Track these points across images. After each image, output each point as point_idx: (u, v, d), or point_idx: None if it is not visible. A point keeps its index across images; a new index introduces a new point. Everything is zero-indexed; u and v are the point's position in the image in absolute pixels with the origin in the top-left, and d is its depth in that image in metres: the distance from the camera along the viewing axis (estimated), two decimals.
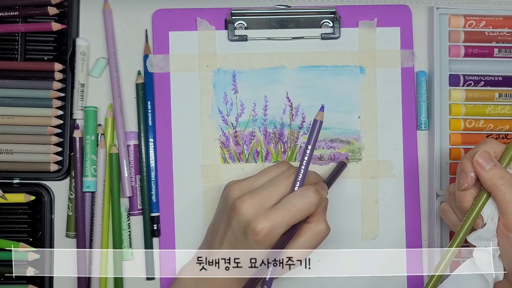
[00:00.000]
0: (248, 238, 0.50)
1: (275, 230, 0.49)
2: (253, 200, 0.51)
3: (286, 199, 0.51)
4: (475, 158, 0.50)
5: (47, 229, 0.61)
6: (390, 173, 0.62)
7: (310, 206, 0.51)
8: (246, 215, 0.50)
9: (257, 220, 0.49)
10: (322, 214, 0.53)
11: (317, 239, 0.52)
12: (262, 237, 0.49)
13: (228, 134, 0.62)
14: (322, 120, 0.53)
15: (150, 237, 0.61)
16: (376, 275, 0.62)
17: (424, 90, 0.62)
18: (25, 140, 0.60)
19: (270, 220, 0.49)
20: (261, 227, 0.49)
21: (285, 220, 0.50)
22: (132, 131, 0.62)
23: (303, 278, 0.62)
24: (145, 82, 0.62)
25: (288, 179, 0.52)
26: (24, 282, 0.61)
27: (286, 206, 0.50)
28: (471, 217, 0.50)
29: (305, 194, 0.51)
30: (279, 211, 0.50)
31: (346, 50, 0.62)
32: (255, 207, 0.50)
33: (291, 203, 0.50)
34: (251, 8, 0.63)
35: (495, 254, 0.49)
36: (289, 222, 0.50)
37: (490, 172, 0.49)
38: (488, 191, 0.49)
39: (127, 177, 0.61)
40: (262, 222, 0.49)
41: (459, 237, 0.50)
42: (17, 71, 0.61)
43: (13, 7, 0.61)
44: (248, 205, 0.50)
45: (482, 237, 0.50)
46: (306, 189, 0.51)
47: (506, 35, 0.62)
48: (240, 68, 0.62)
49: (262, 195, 0.51)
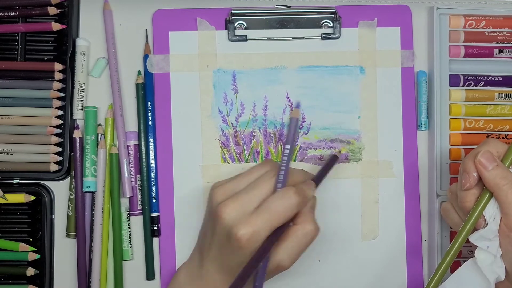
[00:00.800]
0: (232, 245, 0.49)
1: (257, 236, 0.48)
2: (234, 205, 0.50)
3: (266, 203, 0.49)
4: (477, 158, 0.49)
5: (47, 229, 0.61)
6: (390, 173, 0.62)
7: (291, 208, 0.49)
8: (228, 220, 0.49)
9: (238, 226, 0.48)
10: (310, 214, 0.52)
11: (305, 241, 0.51)
12: (245, 243, 0.48)
13: (228, 134, 0.62)
14: (298, 118, 0.53)
15: (150, 237, 0.61)
16: (376, 275, 0.62)
17: (424, 90, 0.62)
18: (25, 140, 0.60)
19: (251, 225, 0.48)
20: (242, 233, 0.48)
21: (267, 224, 0.49)
22: (132, 131, 0.62)
23: (303, 278, 0.62)
24: (145, 82, 0.62)
25: (270, 181, 0.51)
26: (24, 282, 0.61)
27: (266, 210, 0.49)
28: (473, 217, 0.50)
29: (285, 196, 0.49)
30: (259, 215, 0.49)
31: (346, 50, 0.62)
32: (237, 212, 0.49)
33: (271, 207, 0.49)
34: (251, 8, 0.63)
35: (497, 254, 0.49)
36: (271, 226, 0.49)
37: (493, 172, 0.49)
38: (491, 191, 0.49)
39: (127, 177, 0.61)
40: (244, 228, 0.48)
41: (461, 237, 0.50)
42: (17, 71, 0.61)
43: (13, 7, 0.61)
44: (230, 210, 0.49)
45: (484, 237, 0.49)
46: (286, 191, 0.50)
47: (506, 35, 0.62)
48: (240, 68, 0.62)
49: (243, 199, 0.50)
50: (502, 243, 0.49)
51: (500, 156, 0.51)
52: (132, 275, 0.62)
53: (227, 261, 0.51)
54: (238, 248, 0.49)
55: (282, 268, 0.51)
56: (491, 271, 0.49)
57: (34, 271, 0.60)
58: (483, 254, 0.50)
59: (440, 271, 0.50)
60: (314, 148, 0.62)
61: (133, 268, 0.62)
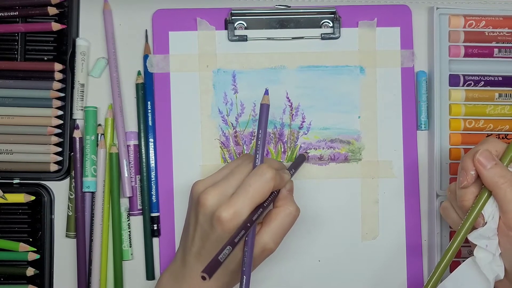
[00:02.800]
0: (216, 230, 0.50)
1: (239, 216, 0.49)
2: (215, 191, 0.51)
3: (243, 182, 0.51)
4: (476, 157, 0.50)
5: (47, 229, 0.61)
6: (390, 173, 0.62)
7: (267, 182, 0.51)
8: (210, 206, 0.50)
9: (220, 209, 0.49)
10: (289, 196, 0.54)
11: (288, 221, 0.53)
12: (228, 225, 0.49)
13: (228, 134, 0.62)
14: (268, 104, 0.54)
15: (150, 237, 0.61)
16: (376, 275, 0.62)
17: (424, 90, 0.62)
18: (25, 140, 0.60)
19: (232, 206, 0.49)
20: (224, 215, 0.49)
21: (246, 202, 0.50)
22: (132, 131, 0.62)
23: (304, 278, 0.62)
24: (145, 82, 0.62)
25: (248, 166, 0.53)
26: (24, 282, 0.61)
27: (244, 188, 0.50)
28: (472, 216, 0.50)
29: (258, 172, 0.51)
30: (239, 195, 0.50)
31: (346, 50, 0.62)
32: (218, 197, 0.51)
33: (248, 184, 0.50)
34: (251, 8, 0.63)
35: (496, 253, 0.50)
36: (251, 204, 0.50)
37: (492, 170, 0.49)
38: (489, 189, 0.50)
39: (127, 177, 0.61)
40: (225, 209, 0.49)
41: (460, 236, 0.50)
42: (17, 71, 0.61)
43: (13, 7, 0.61)
44: (211, 196, 0.51)
45: (483, 235, 0.50)
46: (259, 168, 0.52)
47: (506, 35, 0.62)
48: (240, 68, 0.62)
49: (223, 185, 0.52)
50: (501, 241, 0.50)
51: (499, 155, 0.51)
52: (132, 275, 0.62)
53: (211, 251, 0.51)
54: (221, 231, 0.49)
55: (268, 251, 0.52)
56: (490, 270, 0.49)
57: (34, 271, 0.60)
58: (482, 253, 0.50)
59: (440, 270, 0.50)
60: (314, 148, 0.62)
61: (133, 268, 0.62)
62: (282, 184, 0.53)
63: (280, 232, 0.53)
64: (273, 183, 0.51)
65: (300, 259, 0.62)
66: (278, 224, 0.52)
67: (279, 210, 0.53)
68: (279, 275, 0.62)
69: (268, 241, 0.52)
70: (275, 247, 0.53)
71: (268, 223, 0.52)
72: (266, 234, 0.52)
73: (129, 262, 0.62)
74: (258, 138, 0.53)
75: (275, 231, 0.52)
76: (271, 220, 0.52)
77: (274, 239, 0.52)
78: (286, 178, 0.54)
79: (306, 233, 0.62)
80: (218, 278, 0.52)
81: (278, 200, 0.54)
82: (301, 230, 0.62)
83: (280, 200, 0.53)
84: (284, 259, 0.61)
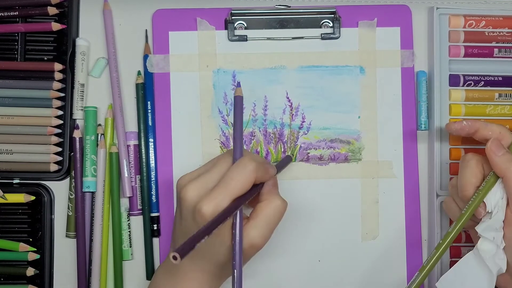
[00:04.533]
0: (198, 223, 0.49)
1: (220, 209, 0.49)
2: (196, 185, 0.51)
3: (225, 175, 0.51)
4: (488, 145, 0.52)
5: (47, 229, 0.61)
6: (390, 173, 0.62)
7: (248, 174, 0.50)
8: (191, 200, 0.50)
9: (201, 203, 0.49)
10: (273, 190, 0.53)
11: (274, 216, 0.52)
12: (209, 218, 0.49)
13: (228, 134, 0.62)
14: (242, 95, 0.54)
15: (150, 237, 0.61)
16: (375, 275, 0.62)
17: (424, 90, 0.62)
18: (25, 140, 0.60)
19: (213, 199, 0.49)
20: (206, 208, 0.49)
21: (227, 195, 0.49)
22: (132, 131, 0.62)
23: (303, 278, 0.62)
24: (145, 82, 0.62)
25: (228, 159, 0.53)
26: (24, 282, 0.61)
27: (225, 181, 0.50)
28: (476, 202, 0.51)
29: (240, 164, 0.51)
30: (219, 188, 0.50)
31: (346, 50, 0.62)
32: (199, 191, 0.50)
33: (229, 177, 0.50)
34: (251, 8, 0.63)
35: (500, 246, 0.50)
36: (232, 196, 0.50)
37: (503, 157, 0.51)
38: (500, 175, 0.51)
39: (127, 177, 0.61)
40: (206, 203, 0.49)
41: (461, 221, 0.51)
42: (17, 71, 0.61)
43: (13, 7, 0.61)
44: (191, 190, 0.51)
45: (491, 227, 0.50)
46: (240, 160, 0.51)
47: (506, 35, 0.62)
48: (240, 68, 0.62)
49: (204, 178, 0.51)
50: (507, 234, 0.50)
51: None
52: (132, 275, 0.62)
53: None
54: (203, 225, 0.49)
55: (256, 246, 0.51)
56: (494, 263, 0.50)
57: (34, 271, 0.60)
58: (487, 245, 0.50)
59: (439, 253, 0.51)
60: (314, 148, 0.62)
61: (133, 268, 0.62)
62: (266, 177, 0.52)
63: (267, 226, 0.52)
64: (254, 175, 0.50)
65: (300, 259, 0.62)
66: (265, 218, 0.51)
67: (264, 204, 0.52)
68: (279, 275, 0.62)
69: (255, 236, 0.51)
70: (263, 242, 0.52)
71: (254, 218, 0.52)
72: (252, 228, 0.51)
73: (129, 262, 0.62)
74: (235, 130, 0.53)
75: (261, 225, 0.51)
76: (257, 214, 0.52)
77: (261, 233, 0.51)
78: (271, 171, 0.53)
79: (306, 233, 0.62)
80: (206, 270, 0.52)
81: (263, 194, 0.53)
82: (301, 230, 0.62)
83: (265, 194, 0.53)
84: (284, 259, 0.61)
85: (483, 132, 0.54)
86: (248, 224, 0.51)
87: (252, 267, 0.61)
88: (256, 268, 0.61)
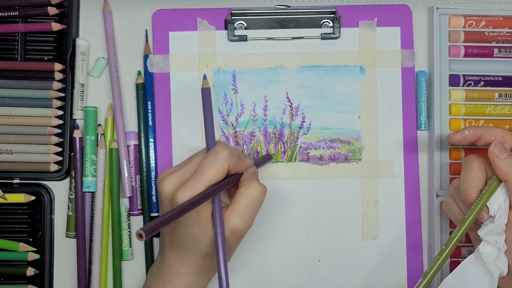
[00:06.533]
0: None
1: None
2: (172, 177, 0.52)
3: (199, 166, 0.51)
4: (490, 149, 0.51)
5: (47, 229, 0.61)
6: (390, 173, 0.62)
7: (220, 161, 0.51)
8: (168, 192, 0.51)
9: (177, 194, 0.50)
10: (252, 176, 0.53)
11: (253, 201, 0.52)
12: None
13: (228, 134, 0.62)
14: (209, 87, 0.54)
15: (150, 237, 0.61)
16: (376, 275, 0.62)
17: (424, 90, 0.62)
18: (25, 140, 0.60)
19: (188, 188, 0.50)
20: (181, 197, 0.49)
21: (201, 182, 0.50)
22: (132, 131, 0.62)
23: (303, 278, 0.62)
24: (145, 82, 0.62)
25: (204, 152, 0.53)
26: (24, 282, 0.61)
27: (199, 169, 0.51)
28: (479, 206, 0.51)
29: (212, 152, 0.51)
30: (195, 177, 0.50)
31: (346, 50, 0.62)
32: (176, 182, 0.51)
33: (203, 164, 0.51)
34: (251, 8, 0.63)
35: (502, 249, 0.50)
36: (206, 184, 0.50)
37: (506, 160, 0.51)
38: (504, 179, 0.51)
39: (127, 177, 0.61)
40: (181, 192, 0.49)
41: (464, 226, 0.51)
42: (17, 71, 0.61)
43: (13, 7, 0.61)
44: (167, 182, 0.51)
45: (494, 231, 0.50)
46: (213, 148, 0.52)
47: (506, 35, 0.62)
48: (240, 68, 0.62)
49: (180, 171, 0.52)
50: (509, 237, 0.50)
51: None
52: (132, 275, 0.62)
53: (177, 236, 0.52)
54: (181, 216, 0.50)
55: (238, 231, 0.51)
56: (495, 266, 0.50)
57: (34, 271, 0.60)
58: (489, 248, 0.50)
59: (442, 259, 0.50)
60: (314, 148, 0.62)
61: (133, 268, 0.62)
62: (242, 166, 0.53)
63: (246, 210, 0.52)
64: (228, 162, 0.51)
65: (300, 259, 0.62)
66: (244, 202, 0.52)
67: (242, 189, 0.52)
68: (279, 275, 0.62)
69: (235, 221, 0.51)
70: (244, 226, 0.52)
71: (233, 203, 0.52)
72: (232, 214, 0.51)
73: (129, 262, 0.62)
74: (206, 122, 0.53)
75: (240, 209, 0.51)
76: (236, 200, 0.52)
77: (241, 217, 0.51)
78: (248, 162, 0.54)
79: (306, 233, 0.62)
80: (190, 263, 0.52)
81: (242, 181, 0.53)
82: (301, 230, 0.62)
83: (243, 181, 0.53)
84: (283, 259, 0.61)
85: (486, 138, 0.53)
86: (227, 211, 0.51)
87: (251, 268, 0.61)
88: (255, 268, 0.61)
